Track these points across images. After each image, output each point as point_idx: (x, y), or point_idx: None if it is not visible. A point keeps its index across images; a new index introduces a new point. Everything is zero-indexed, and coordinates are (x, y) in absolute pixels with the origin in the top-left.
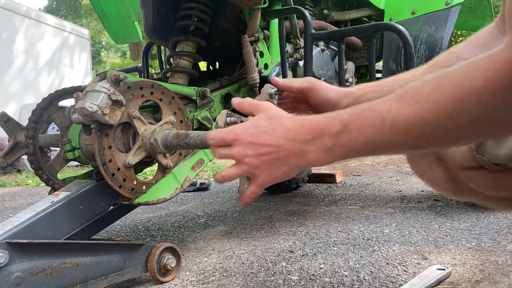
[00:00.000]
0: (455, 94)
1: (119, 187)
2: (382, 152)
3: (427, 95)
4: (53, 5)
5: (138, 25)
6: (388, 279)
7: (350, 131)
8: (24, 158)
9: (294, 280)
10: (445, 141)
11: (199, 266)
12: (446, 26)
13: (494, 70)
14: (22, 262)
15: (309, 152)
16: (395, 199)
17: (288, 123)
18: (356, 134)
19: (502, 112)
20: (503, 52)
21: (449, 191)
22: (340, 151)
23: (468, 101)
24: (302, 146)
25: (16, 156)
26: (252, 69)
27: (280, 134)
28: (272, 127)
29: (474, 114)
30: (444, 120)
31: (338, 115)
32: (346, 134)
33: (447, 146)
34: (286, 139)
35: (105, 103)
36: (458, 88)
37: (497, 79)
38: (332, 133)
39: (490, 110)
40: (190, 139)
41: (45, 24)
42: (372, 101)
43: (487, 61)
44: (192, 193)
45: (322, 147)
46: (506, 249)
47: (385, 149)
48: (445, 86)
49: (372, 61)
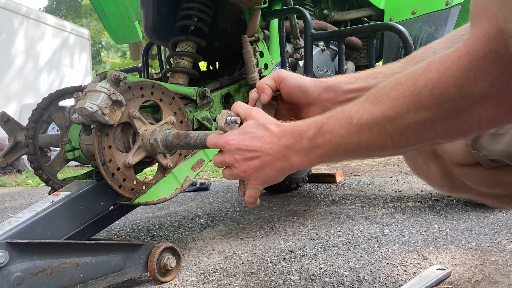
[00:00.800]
0: (411, 88)
1: (119, 187)
2: (354, 153)
3: (388, 93)
4: (53, 5)
5: (138, 25)
6: (388, 279)
7: (324, 132)
8: (24, 158)
9: (294, 280)
10: (407, 139)
11: (199, 266)
12: (446, 26)
13: (448, 64)
14: (22, 262)
15: (291, 156)
16: (395, 199)
17: (273, 129)
18: (329, 136)
19: (457, 107)
20: (459, 48)
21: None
22: (317, 153)
23: (423, 95)
24: (285, 150)
25: (16, 156)
26: (252, 69)
27: (266, 140)
28: (259, 133)
29: (429, 108)
30: (403, 115)
31: (315, 119)
32: (321, 136)
33: (411, 146)
34: (271, 144)
35: (105, 103)
36: (414, 82)
37: (450, 73)
38: (309, 136)
39: (444, 104)
40: (190, 139)
41: (45, 24)
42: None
43: (443, 56)
44: (192, 193)
45: (302, 150)
46: (506, 249)
47: (356, 150)
48: (403, 83)
49: (372, 61)
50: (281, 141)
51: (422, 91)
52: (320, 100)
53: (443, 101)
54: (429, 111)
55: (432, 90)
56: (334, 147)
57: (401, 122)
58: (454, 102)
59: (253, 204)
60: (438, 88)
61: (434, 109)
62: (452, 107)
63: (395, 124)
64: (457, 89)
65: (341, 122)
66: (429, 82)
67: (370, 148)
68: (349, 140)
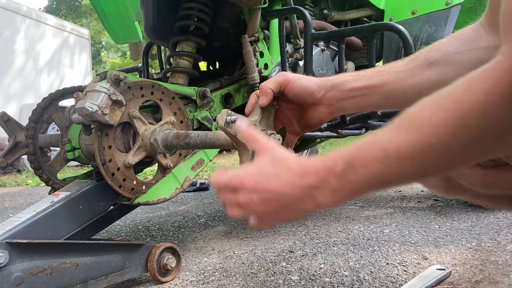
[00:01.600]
0: (456, 112)
1: (119, 186)
2: (391, 184)
3: (428, 119)
4: (53, 5)
5: (138, 25)
6: (388, 279)
7: (355, 168)
8: (24, 158)
9: (294, 280)
10: (454, 163)
11: (199, 266)
12: (446, 26)
13: (492, 82)
14: (22, 262)
15: (317, 196)
16: (395, 199)
17: (293, 166)
18: (361, 171)
19: (508, 123)
20: (500, 62)
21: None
22: (348, 190)
23: (471, 118)
24: (309, 190)
25: (16, 156)
26: (252, 69)
27: (285, 180)
28: (277, 172)
29: (478, 129)
30: (449, 141)
31: (340, 153)
32: (351, 172)
33: (456, 168)
34: (292, 185)
35: (105, 103)
36: (458, 106)
37: (497, 90)
38: (337, 173)
39: (494, 124)
40: (190, 139)
41: (45, 24)
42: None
43: (484, 73)
44: (192, 193)
45: (329, 189)
46: (506, 249)
47: (394, 181)
48: (444, 106)
49: (372, 61)
50: (303, 181)
51: (469, 114)
52: (325, 99)
53: (494, 121)
54: (478, 132)
55: (480, 112)
56: (369, 181)
57: (447, 148)
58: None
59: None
60: (487, 108)
61: (484, 129)
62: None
63: (441, 151)
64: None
65: (374, 155)
66: (475, 103)
67: (412, 177)
68: (387, 172)
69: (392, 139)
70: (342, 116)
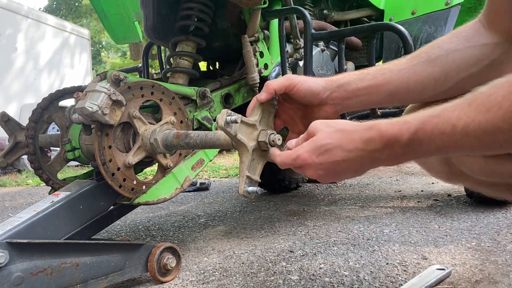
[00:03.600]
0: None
1: (119, 186)
2: (453, 153)
3: (499, 102)
4: (53, 5)
5: (138, 25)
6: (388, 279)
7: (421, 139)
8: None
9: (294, 280)
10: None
11: (199, 266)
12: (446, 26)
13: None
14: (22, 262)
15: (382, 159)
16: (395, 199)
17: (353, 135)
18: (427, 141)
19: None
20: None
21: (442, 173)
22: (412, 156)
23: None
24: (374, 154)
25: (16, 156)
26: (252, 69)
27: (349, 148)
28: (338, 143)
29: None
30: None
31: (405, 122)
32: (417, 143)
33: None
34: (357, 151)
35: (105, 103)
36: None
37: None
38: (402, 143)
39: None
40: (190, 139)
41: (45, 24)
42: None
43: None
44: (192, 193)
45: (394, 154)
46: (506, 249)
47: (456, 152)
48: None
49: (372, 61)
50: (369, 147)
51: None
52: (331, 99)
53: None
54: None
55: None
56: (433, 151)
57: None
58: None
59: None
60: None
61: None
62: None
63: (508, 135)
64: None
65: (440, 128)
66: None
67: (475, 151)
68: (452, 146)
69: (461, 115)
70: (342, 115)
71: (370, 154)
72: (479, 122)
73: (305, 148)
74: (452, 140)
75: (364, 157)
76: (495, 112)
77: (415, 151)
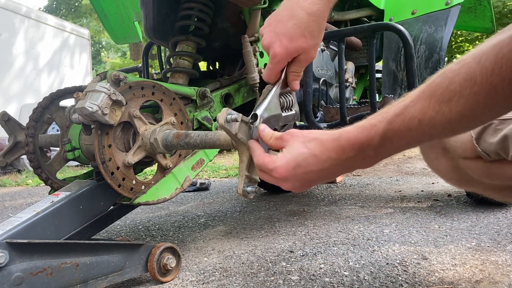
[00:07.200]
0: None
1: (118, 186)
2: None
3: (459, 92)
4: (53, 5)
5: (138, 25)
6: (388, 279)
7: (391, 138)
8: (24, 158)
9: (294, 280)
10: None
11: (199, 266)
12: (446, 26)
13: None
14: (22, 262)
15: (356, 164)
16: (395, 199)
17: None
18: (397, 139)
19: None
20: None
21: (453, 180)
22: (384, 155)
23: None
24: (347, 162)
25: (16, 155)
26: (252, 69)
27: (323, 158)
28: (312, 152)
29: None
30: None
31: (372, 126)
32: (388, 142)
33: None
34: (331, 161)
35: (105, 103)
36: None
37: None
38: (374, 146)
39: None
40: (190, 139)
41: (45, 24)
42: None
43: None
44: (192, 193)
45: (368, 157)
46: (506, 249)
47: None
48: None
49: (372, 61)
50: (341, 156)
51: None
52: None
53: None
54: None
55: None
56: (404, 146)
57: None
58: None
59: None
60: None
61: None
62: None
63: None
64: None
65: (407, 125)
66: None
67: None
68: (420, 138)
69: (425, 110)
70: (342, 115)
71: (344, 162)
72: (443, 113)
73: (282, 161)
74: (420, 133)
75: (338, 165)
76: (457, 101)
77: (387, 150)
